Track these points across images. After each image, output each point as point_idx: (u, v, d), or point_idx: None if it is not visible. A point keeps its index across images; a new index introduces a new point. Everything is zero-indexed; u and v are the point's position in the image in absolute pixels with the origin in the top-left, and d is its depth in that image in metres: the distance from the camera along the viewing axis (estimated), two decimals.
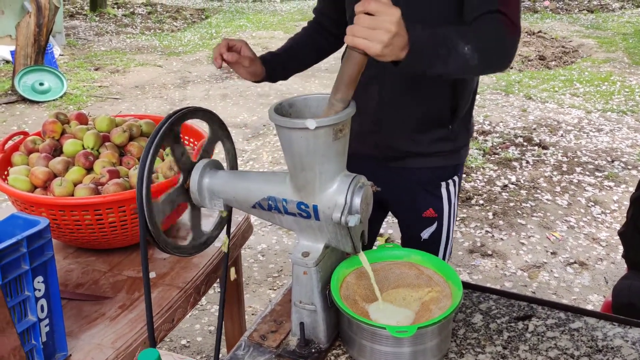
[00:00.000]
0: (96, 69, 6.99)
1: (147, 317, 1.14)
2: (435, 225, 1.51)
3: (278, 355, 1.14)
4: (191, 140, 1.73)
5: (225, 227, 1.32)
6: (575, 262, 3.01)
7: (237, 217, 1.76)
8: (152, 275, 1.45)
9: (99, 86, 6.32)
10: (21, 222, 1.09)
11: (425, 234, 1.52)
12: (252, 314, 2.60)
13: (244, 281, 2.89)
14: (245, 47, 1.38)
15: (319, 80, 6.46)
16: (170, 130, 1.11)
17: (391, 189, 1.48)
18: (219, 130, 1.25)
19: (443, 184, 1.49)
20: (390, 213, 1.69)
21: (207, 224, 1.27)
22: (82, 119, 1.64)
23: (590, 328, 1.20)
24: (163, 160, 1.53)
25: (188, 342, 2.41)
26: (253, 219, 2.34)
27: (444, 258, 1.55)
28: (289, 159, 1.05)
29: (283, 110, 1.07)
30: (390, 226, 3.35)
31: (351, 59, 0.99)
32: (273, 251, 3.17)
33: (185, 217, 1.21)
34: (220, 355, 1.35)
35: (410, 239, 1.57)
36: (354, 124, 1.07)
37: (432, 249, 1.52)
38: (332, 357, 1.14)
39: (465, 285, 1.28)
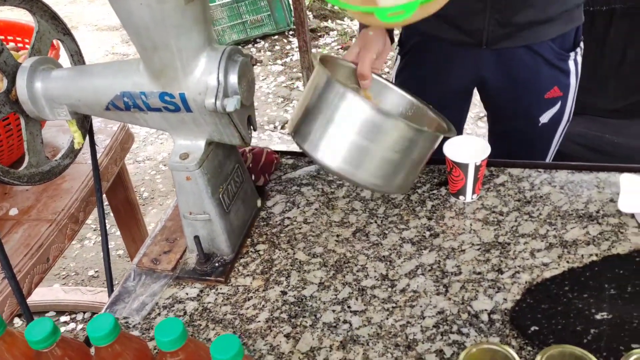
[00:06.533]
0: None
1: (3, 266, 0.91)
2: (558, 106, 1.25)
3: (176, 279, 0.97)
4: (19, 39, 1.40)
5: (89, 138, 1.07)
6: (485, 116, 2.98)
7: (112, 126, 1.50)
8: (13, 212, 1.20)
9: None
10: None
11: (545, 118, 1.26)
12: None
13: (149, 195, 2.66)
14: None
15: None
16: None
17: (501, 75, 1.23)
18: (52, 23, 0.96)
19: (572, 54, 1.21)
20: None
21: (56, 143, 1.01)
22: None
23: (516, 180, 1.10)
24: None
25: (96, 272, 2.20)
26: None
27: (559, 140, 1.32)
28: (133, 37, 0.80)
29: None
30: None
31: None
32: None
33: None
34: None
35: (520, 129, 1.30)
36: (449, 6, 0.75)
37: (549, 134, 1.29)
38: (241, 268, 0.98)
39: None
